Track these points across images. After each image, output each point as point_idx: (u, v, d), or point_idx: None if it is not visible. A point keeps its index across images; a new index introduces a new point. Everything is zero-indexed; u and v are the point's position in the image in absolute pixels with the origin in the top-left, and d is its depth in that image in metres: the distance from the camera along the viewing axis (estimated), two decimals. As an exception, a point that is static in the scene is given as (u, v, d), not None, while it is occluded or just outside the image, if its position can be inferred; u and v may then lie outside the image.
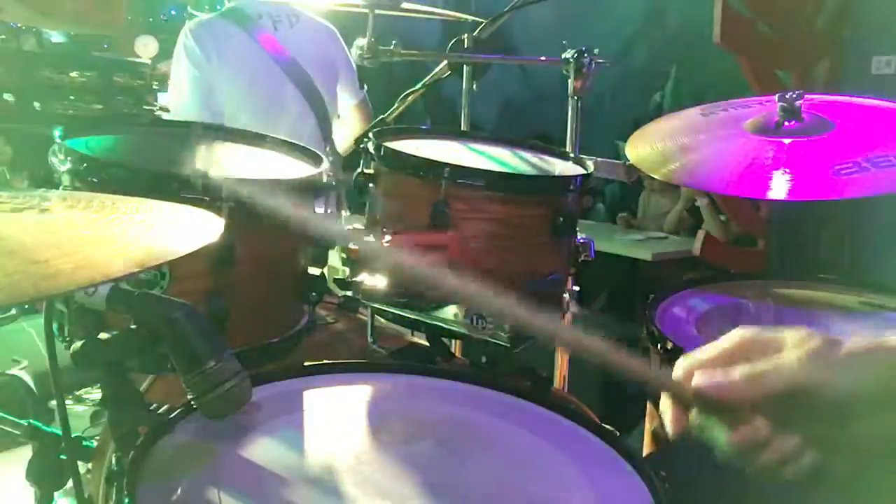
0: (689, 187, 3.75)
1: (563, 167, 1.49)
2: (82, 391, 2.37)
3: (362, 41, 1.83)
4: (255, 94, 2.51)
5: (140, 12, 5.00)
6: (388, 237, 1.23)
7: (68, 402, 1.36)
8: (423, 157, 1.31)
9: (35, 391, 2.20)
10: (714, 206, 3.87)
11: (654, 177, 1.43)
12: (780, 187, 1.24)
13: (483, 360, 1.25)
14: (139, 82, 2.65)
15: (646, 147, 1.40)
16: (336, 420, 1.00)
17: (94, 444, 1.12)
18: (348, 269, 1.29)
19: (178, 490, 0.80)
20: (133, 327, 0.86)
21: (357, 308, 1.37)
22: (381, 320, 1.38)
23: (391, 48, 1.82)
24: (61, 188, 1.13)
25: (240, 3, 2.57)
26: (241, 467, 0.86)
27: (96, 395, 2.28)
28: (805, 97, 1.34)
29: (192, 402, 0.86)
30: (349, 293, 1.29)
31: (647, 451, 1.45)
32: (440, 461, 0.91)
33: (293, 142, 1.42)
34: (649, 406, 1.48)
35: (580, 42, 1.76)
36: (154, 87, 2.77)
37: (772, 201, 3.27)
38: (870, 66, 3.51)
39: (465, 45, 1.86)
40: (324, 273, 1.27)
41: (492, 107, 5.36)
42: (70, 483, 0.95)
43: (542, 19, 4.58)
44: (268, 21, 2.54)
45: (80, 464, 0.98)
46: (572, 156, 1.53)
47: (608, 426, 1.02)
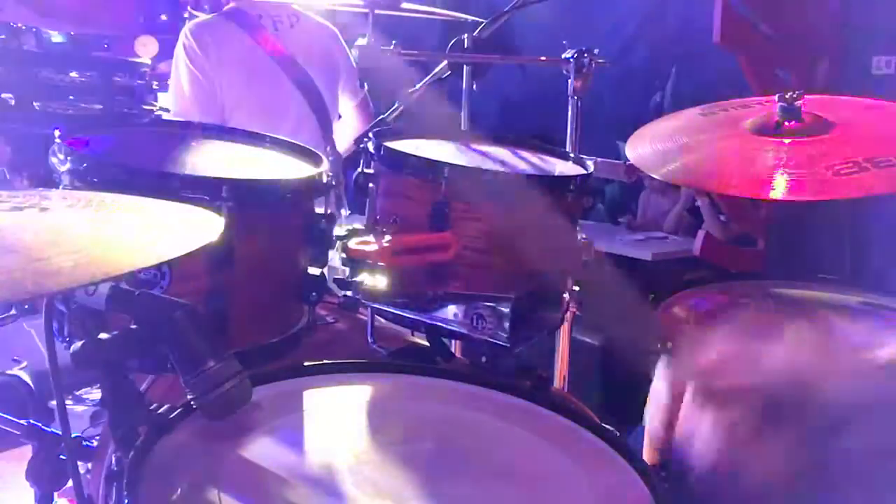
0: (689, 187, 3.75)
1: (563, 167, 1.49)
2: (82, 391, 2.37)
3: (362, 41, 1.83)
4: (255, 95, 2.50)
5: (140, 12, 4.99)
6: (388, 237, 1.23)
7: (68, 402, 1.36)
8: (423, 157, 1.31)
9: (35, 391, 2.21)
10: (714, 206, 3.87)
11: (654, 177, 1.43)
12: (780, 187, 1.24)
13: (483, 360, 1.25)
14: (139, 82, 2.65)
15: (646, 147, 1.40)
16: (336, 420, 1.00)
17: (94, 444, 1.13)
18: (348, 269, 1.29)
19: (178, 490, 0.80)
20: (133, 327, 0.86)
21: (357, 308, 1.37)
22: (381, 320, 1.38)
23: (391, 48, 1.82)
24: (61, 188, 1.13)
25: (240, 3, 2.57)
26: (241, 467, 0.86)
27: (96, 395, 2.29)
28: (805, 97, 1.34)
29: (192, 402, 0.86)
30: (349, 293, 1.29)
31: (648, 452, 1.45)
32: (440, 461, 0.91)
33: (293, 142, 1.42)
34: (649, 406, 1.48)
35: (580, 42, 1.76)
36: (154, 87, 2.77)
37: (772, 201, 3.27)
38: (870, 66, 3.51)
39: (465, 45, 1.86)
40: (324, 273, 1.26)
41: (492, 107, 5.36)
42: (70, 483, 0.95)
43: (542, 19, 4.58)
44: (268, 21, 2.54)
45: (80, 464, 0.98)
46: (572, 156, 1.53)
47: (608, 426, 1.02)
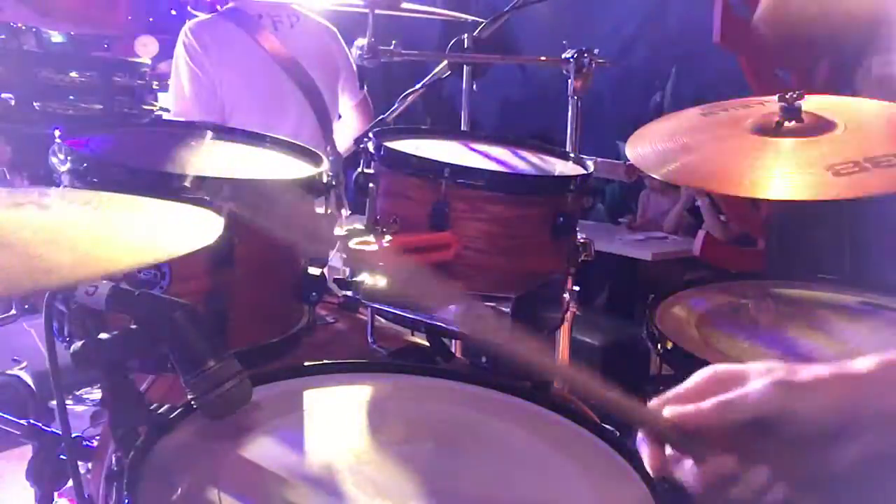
0: (689, 187, 3.75)
1: (563, 167, 1.49)
2: (82, 391, 2.37)
3: (362, 41, 1.83)
4: (255, 94, 2.51)
5: (140, 12, 5.00)
6: (388, 237, 1.23)
7: (68, 402, 1.36)
8: (423, 157, 1.31)
9: (35, 391, 2.21)
10: (714, 206, 3.87)
11: (654, 177, 1.43)
12: (780, 187, 1.24)
13: (483, 360, 1.25)
14: (139, 82, 2.64)
15: (646, 147, 1.40)
16: (336, 420, 0.99)
17: (94, 444, 1.13)
18: (348, 269, 1.29)
19: (178, 490, 0.80)
20: (133, 327, 0.86)
21: (357, 308, 1.37)
22: (381, 320, 1.38)
23: (391, 48, 1.83)
24: (61, 188, 1.13)
25: (240, 3, 2.57)
26: (241, 467, 0.86)
27: (96, 395, 2.29)
28: (805, 97, 1.34)
29: (192, 402, 0.86)
30: (349, 293, 1.29)
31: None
32: (440, 461, 0.91)
33: (293, 142, 1.42)
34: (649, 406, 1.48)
35: (580, 42, 1.77)
36: (154, 87, 2.76)
37: (772, 201, 3.26)
38: (870, 66, 3.51)
39: (465, 45, 1.86)
40: (324, 273, 1.26)
41: (492, 107, 5.36)
42: (70, 483, 0.95)
43: (542, 19, 4.58)
44: (268, 21, 2.54)
45: (80, 464, 0.98)
46: (572, 156, 1.53)
47: (608, 426, 1.02)
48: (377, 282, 1.24)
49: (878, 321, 1.42)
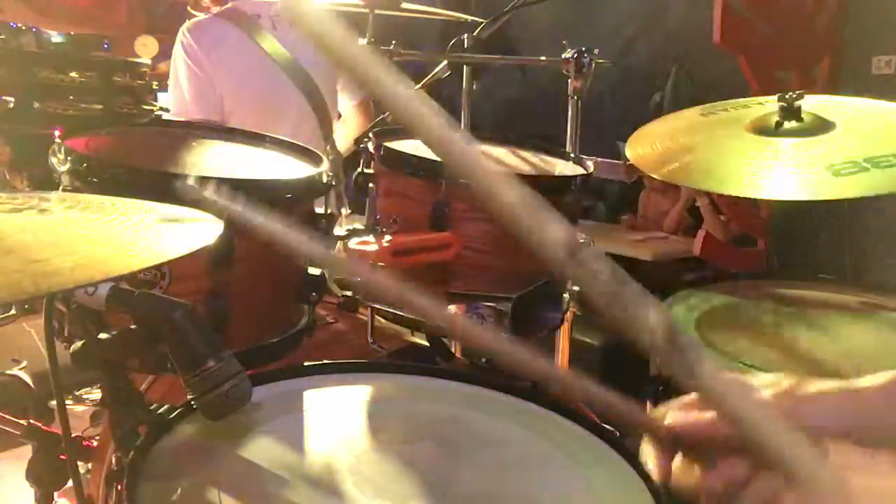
0: (689, 187, 3.75)
1: (563, 167, 1.49)
2: (82, 391, 2.36)
3: (362, 41, 1.83)
4: (254, 94, 2.51)
5: (140, 12, 4.99)
6: (388, 237, 1.23)
7: (68, 402, 1.36)
8: (423, 157, 1.31)
9: (35, 391, 2.20)
10: (714, 206, 3.87)
11: (654, 177, 1.43)
12: (780, 187, 1.24)
13: (483, 360, 1.25)
14: (139, 82, 2.65)
15: (646, 147, 1.40)
16: (336, 420, 0.99)
17: (94, 444, 1.13)
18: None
19: (178, 490, 0.80)
20: (133, 327, 0.86)
21: (357, 308, 1.38)
22: (381, 320, 1.38)
23: (391, 48, 1.82)
24: (61, 188, 1.13)
25: (239, 2, 2.57)
26: (241, 467, 0.86)
27: (96, 395, 2.28)
28: (805, 97, 1.34)
29: (192, 402, 0.86)
30: (349, 293, 1.29)
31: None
32: (440, 461, 0.91)
33: (293, 142, 1.42)
34: (649, 406, 1.48)
35: (580, 42, 1.76)
36: (154, 87, 2.77)
37: (772, 201, 3.27)
38: (870, 66, 3.51)
39: (465, 45, 1.86)
40: (324, 273, 1.27)
41: (492, 107, 5.36)
42: (70, 483, 0.95)
43: (542, 19, 4.58)
44: (266, 21, 2.54)
45: (80, 464, 0.98)
46: (572, 156, 1.53)
47: (608, 426, 1.02)
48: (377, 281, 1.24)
49: (878, 321, 1.42)
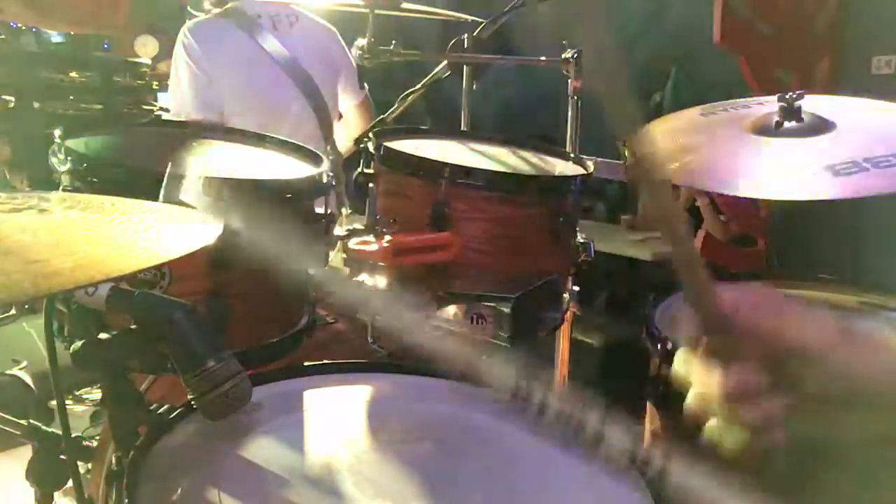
0: (689, 187, 3.75)
1: (563, 167, 1.49)
2: (82, 391, 2.37)
3: (362, 41, 1.83)
4: (254, 94, 2.51)
5: (140, 12, 4.99)
6: (387, 237, 1.23)
7: (68, 402, 1.36)
8: (423, 157, 1.31)
9: (35, 391, 2.20)
10: (714, 206, 3.87)
11: (654, 177, 1.43)
12: (780, 187, 1.24)
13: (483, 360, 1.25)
14: (139, 82, 2.64)
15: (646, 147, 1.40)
16: (336, 420, 1.00)
17: (94, 444, 1.13)
18: (348, 269, 1.29)
19: (178, 490, 0.80)
20: (133, 327, 0.86)
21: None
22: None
23: (391, 48, 1.82)
24: (61, 188, 1.13)
25: (239, 2, 2.57)
26: (241, 467, 0.86)
27: (96, 395, 2.29)
28: (805, 97, 1.34)
29: (192, 402, 0.86)
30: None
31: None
32: (440, 461, 0.91)
33: (293, 142, 1.42)
34: (649, 406, 1.48)
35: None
36: (154, 87, 2.76)
37: (772, 201, 3.26)
38: (870, 66, 3.51)
39: (465, 45, 1.86)
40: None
41: (492, 107, 5.36)
42: (70, 483, 0.95)
43: (542, 19, 4.58)
44: (267, 21, 2.54)
45: (80, 464, 0.98)
46: (572, 156, 1.53)
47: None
48: (377, 282, 1.24)
49: (878, 321, 1.42)
